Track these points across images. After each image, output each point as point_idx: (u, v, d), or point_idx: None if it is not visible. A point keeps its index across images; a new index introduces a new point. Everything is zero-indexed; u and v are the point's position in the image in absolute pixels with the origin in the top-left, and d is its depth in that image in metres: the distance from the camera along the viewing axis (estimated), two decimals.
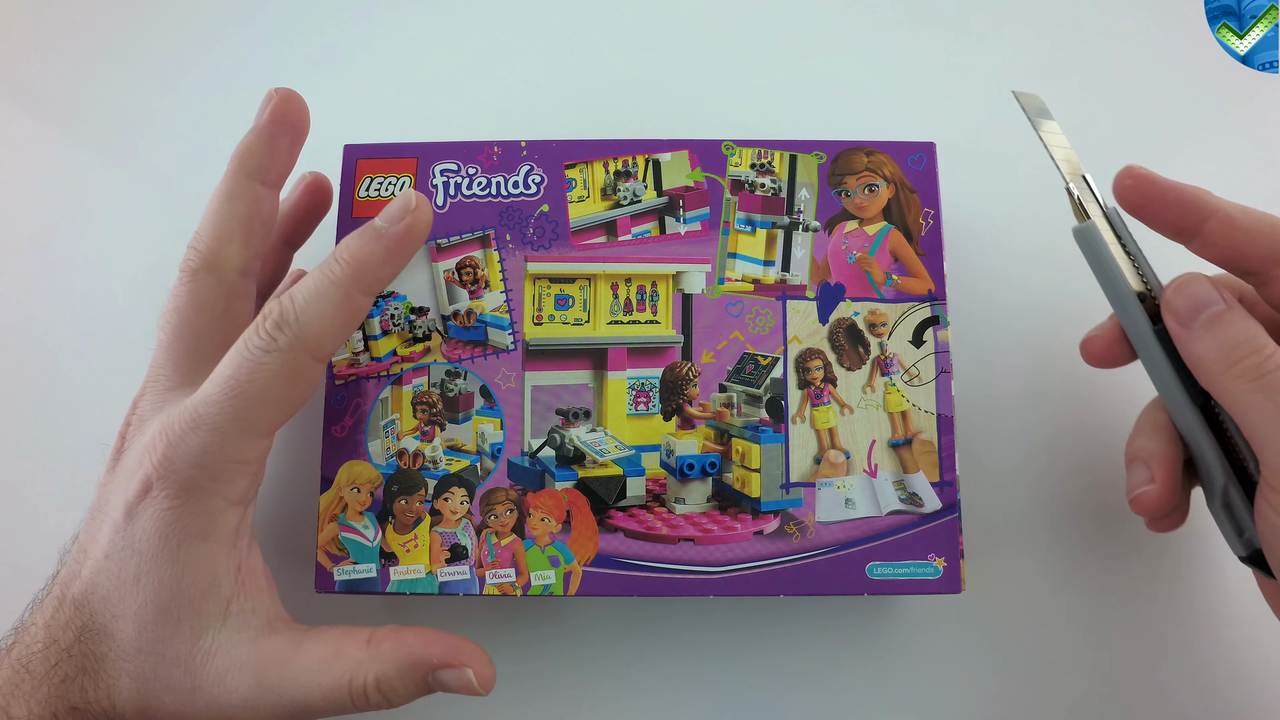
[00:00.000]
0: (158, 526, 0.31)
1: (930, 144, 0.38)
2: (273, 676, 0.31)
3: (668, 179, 0.38)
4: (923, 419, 0.36)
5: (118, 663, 0.31)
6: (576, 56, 0.47)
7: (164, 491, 0.31)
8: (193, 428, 0.31)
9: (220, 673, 0.31)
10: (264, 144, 0.35)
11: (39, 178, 0.46)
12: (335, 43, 0.48)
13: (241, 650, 0.31)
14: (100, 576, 0.31)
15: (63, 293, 0.45)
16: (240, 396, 0.31)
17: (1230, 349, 0.31)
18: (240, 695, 0.31)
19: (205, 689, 0.31)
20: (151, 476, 0.31)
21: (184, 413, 0.31)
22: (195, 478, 0.31)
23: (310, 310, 0.32)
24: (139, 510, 0.31)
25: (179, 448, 0.31)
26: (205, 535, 0.32)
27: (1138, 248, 0.33)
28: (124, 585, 0.31)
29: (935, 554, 0.35)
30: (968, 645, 0.40)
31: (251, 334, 0.32)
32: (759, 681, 0.40)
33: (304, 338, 0.31)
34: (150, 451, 0.31)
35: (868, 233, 0.37)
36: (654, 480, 0.36)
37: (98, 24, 0.48)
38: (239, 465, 0.32)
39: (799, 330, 0.37)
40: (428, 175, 0.38)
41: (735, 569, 0.35)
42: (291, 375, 0.31)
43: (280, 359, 0.31)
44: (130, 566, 0.31)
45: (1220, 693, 0.39)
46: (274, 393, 0.31)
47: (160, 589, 0.31)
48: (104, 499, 0.33)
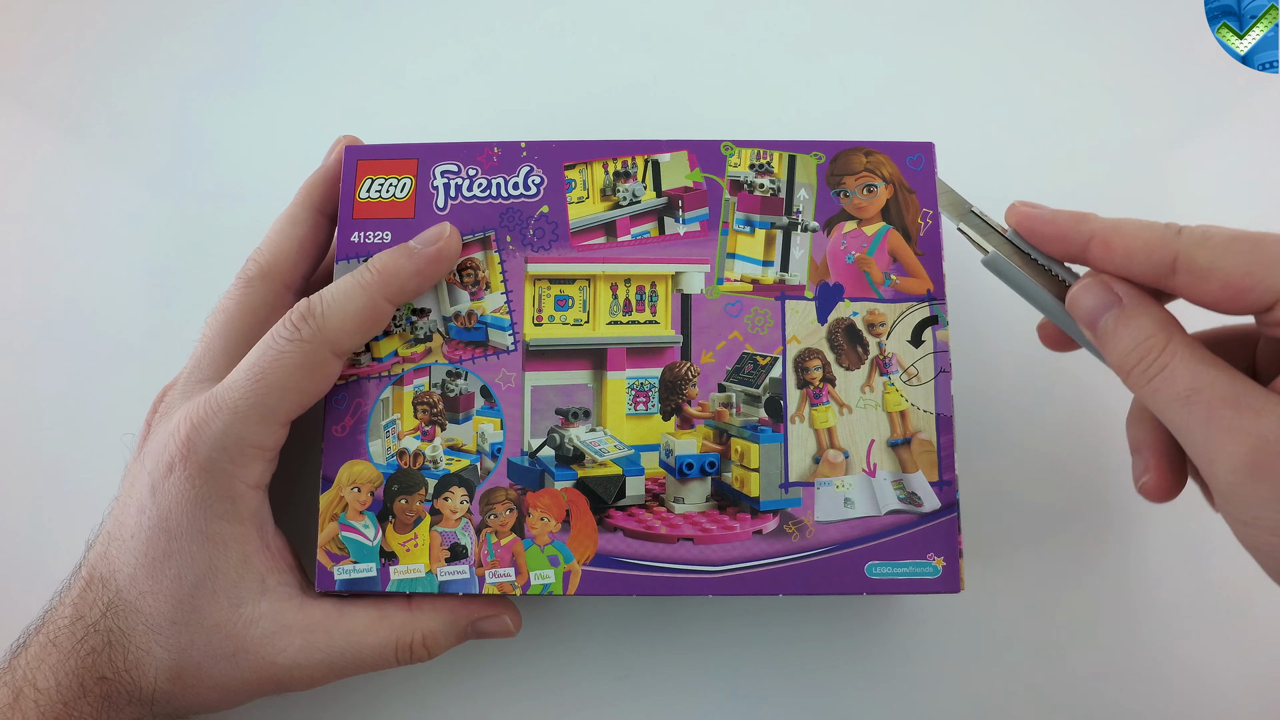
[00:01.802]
0: (183, 505, 0.33)
1: (929, 144, 0.38)
2: (320, 638, 0.34)
3: (667, 179, 0.38)
4: (921, 418, 0.36)
5: (149, 635, 0.33)
6: (576, 57, 0.48)
7: (186, 471, 0.33)
8: (215, 411, 0.33)
9: (267, 635, 0.33)
10: (330, 181, 0.39)
11: (39, 178, 0.47)
12: (336, 45, 0.48)
13: (288, 615, 0.34)
14: (127, 555, 0.33)
15: (63, 293, 0.45)
16: (261, 382, 0.33)
17: (1126, 355, 0.30)
18: (290, 655, 0.33)
19: (252, 650, 0.33)
20: (175, 457, 0.33)
21: (210, 398, 0.34)
22: (216, 459, 0.33)
23: (335, 307, 0.34)
24: (164, 488, 0.33)
25: (202, 430, 0.33)
26: (229, 515, 0.34)
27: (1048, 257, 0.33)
28: (154, 562, 0.33)
29: (934, 553, 0.35)
30: (967, 645, 0.40)
31: (279, 326, 0.34)
32: (759, 681, 0.40)
33: (325, 331, 0.34)
34: (175, 434, 0.34)
35: (866, 233, 0.37)
36: (653, 480, 0.36)
37: (98, 24, 0.48)
38: (256, 450, 0.34)
39: (798, 330, 0.37)
40: (428, 177, 0.38)
41: (734, 568, 0.35)
42: (310, 365, 0.34)
43: (301, 349, 0.34)
44: (159, 544, 0.33)
45: (1221, 690, 0.39)
46: (293, 380, 0.34)
47: (194, 565, 0.33)
48: (131, 482, 0.35)
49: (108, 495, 0.36)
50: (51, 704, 0.32)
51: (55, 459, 0.44)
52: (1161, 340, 0.29)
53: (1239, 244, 0.28)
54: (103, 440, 0.42)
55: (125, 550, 0.34)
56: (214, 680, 0.33)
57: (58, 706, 0.32)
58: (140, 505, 0.34)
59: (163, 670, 0.33)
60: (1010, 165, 0.44)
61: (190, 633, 0.33)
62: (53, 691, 0.32)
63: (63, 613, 0.33)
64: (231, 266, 0.38)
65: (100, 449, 0.42)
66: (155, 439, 0.35)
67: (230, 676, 0.33)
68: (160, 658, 0.33)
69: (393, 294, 0.35)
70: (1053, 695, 0.40)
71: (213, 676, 0.33)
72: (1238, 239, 0.28)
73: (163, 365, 0.39)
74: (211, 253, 0.44)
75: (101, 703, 0.32)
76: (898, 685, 0.40)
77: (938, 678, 0.40)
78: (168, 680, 0.33)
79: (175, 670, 0.33)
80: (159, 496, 0.33)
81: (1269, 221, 0.43)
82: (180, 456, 0.33)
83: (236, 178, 0.46)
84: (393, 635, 0.34)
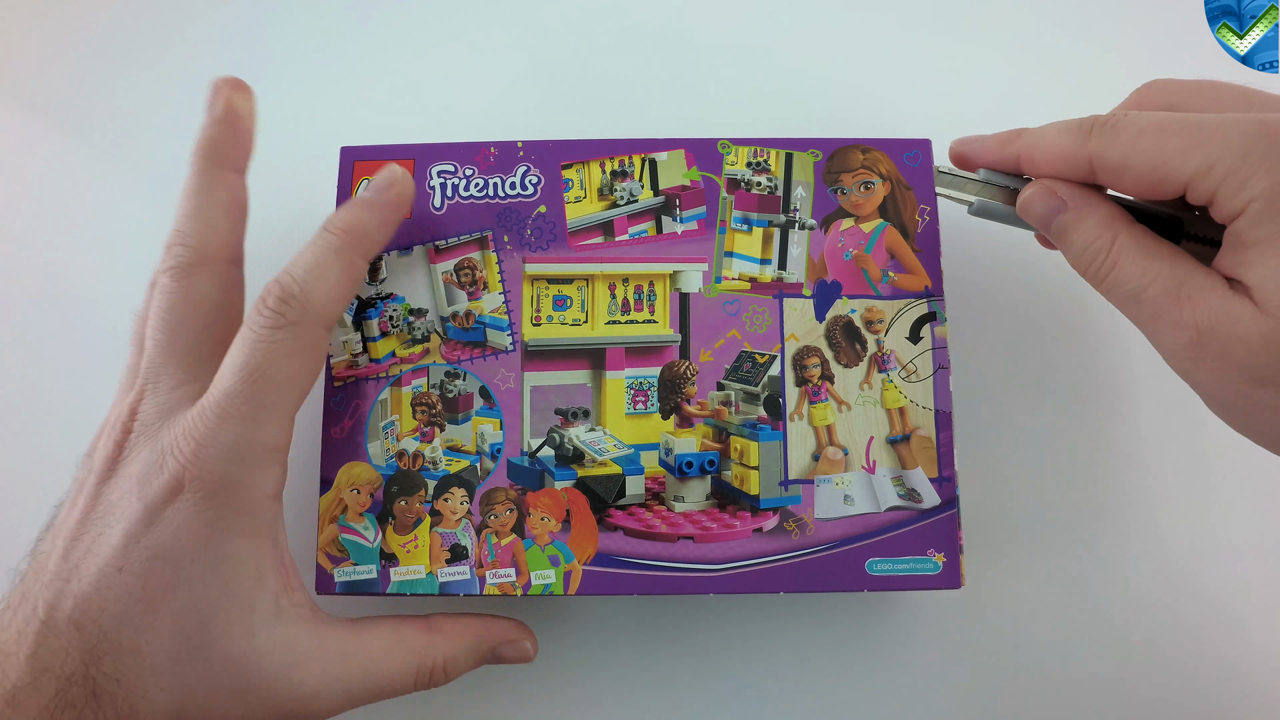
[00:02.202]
0: (194, 528, 0.30)
1: (926, 141, 0.38)
2: (338, 667, 0.32)
3: (664, 178, 0.38)
4: (920, 415, 0.36)
5: (145, 678, 0.29)
6: (572, 56, 0.48)
7: (199, 492, 0.30)
8: (220, 421, 0.30)
9: (284, 667, 0.31)
10: (226, 133, 0.35)
11: (39, 178, 0.47)
12: (332, 45, 0.48)
13: (304, 642, 0.31)
14: (112, 591, 0.29)
15: (64, 293, 0.45)
16: (260, 380, 0.30)
17: (1078, 258, 0.31)
18: (309, 687, 0.31)
19: (265, 685, 0.30)
20: (182, 477, 0.30)
21: (207, 410, 0.31)
22: (231, 473, 0.30)
23: (312, 280, 0.32)
24: (166, 515, 0.30)
25: (210, 445, 0.30)
26: (246, 531, 0.31)
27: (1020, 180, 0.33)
28: (152, 596, 0.30)
29: (934, 549, 0.35)
30: (967, 641, 0.40)
31: (255, 317, 0.31)
32: (759, 679, 0.40)
33: (312, 309, 0.32)
34: (174, 453, 0.30)
35: (864, 230, 0.37)
36: (653, 479, 0.36)
37: (98, 24, 0.48)
38: (272, 453, 0.31)
39: (796, 328, 0.37)
40: (425, 177, 0.38)
41: (735, 566, 0.35)
42: (304, 348, 0.32)
43: (292, 333, 0.31)
44: (161, 575, 0.30)
45: (1221, 688, 0.40)
46: (291, 369, 0.31)
47: (205, 593, 0.30)
48: (104, 511, 0.31)
49: None
50: None
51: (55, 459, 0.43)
52: (1108, 239, 0.30)
53: (1145, 137, 0.28)
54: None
55: (109, 586, 0.29)
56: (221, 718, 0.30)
57: None
58: (128, 534, 0.30)
59: (161, 716, 0.29)
60: None
61: (196, 670, 0.30)
62: None
63: (17, 668, 0.28)
64: None
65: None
66: (140, 461, 0.31)
67: (238, 714, 0.30)
68: (159, 701, 0.29)
69: (366, 251, 0.34)
70: (1053, 690, 0.40)
71: (219, 716, 0.30)
72: (1144, 131, 0.28)
73: None
74: None
75: None
76: (898, 683, 0.40)
77: (939, 674, 0.40)
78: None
79: (176, 714, 0.29)
80: (160, 524, 0.30)
81: None
82: (190, 475, 0.30)
83: None
84: (413, 661, 0.33)
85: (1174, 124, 0.28)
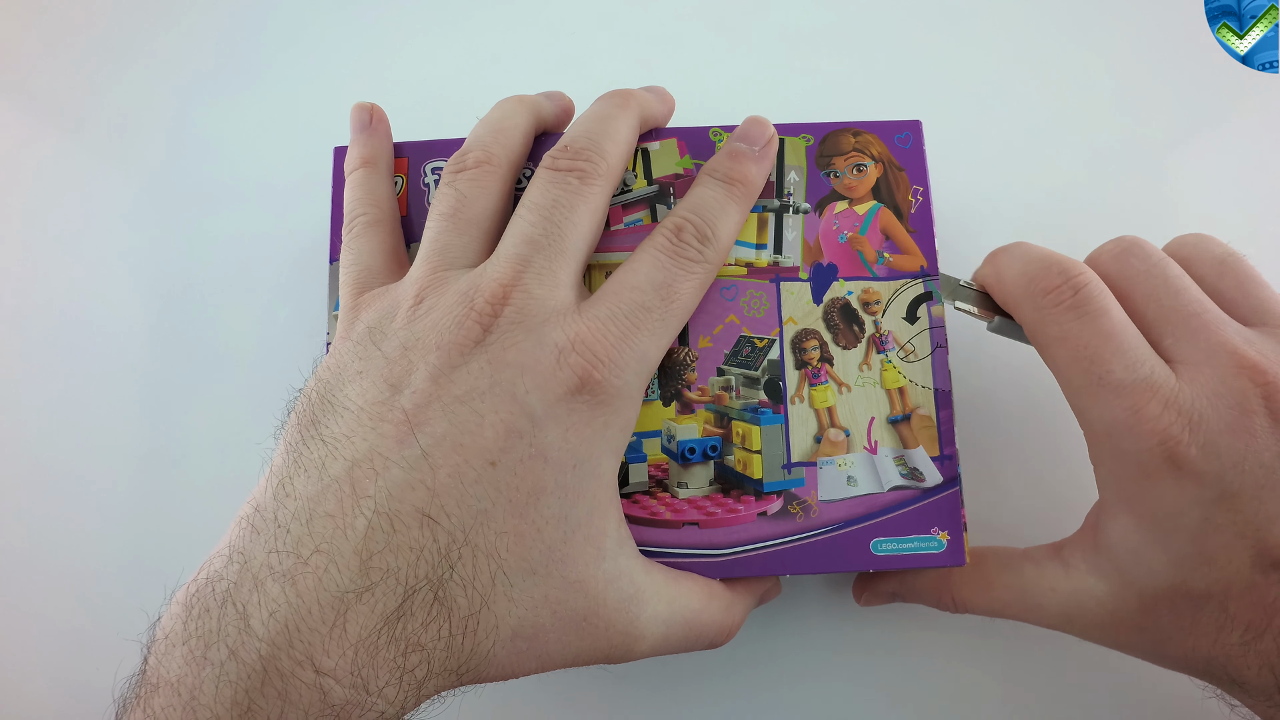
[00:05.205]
0: (584, 434, 0.28)
1: (916, 122, 0.38)
2: (664, 609, 0.31)
3: (657, 168, 0.38)
4: (920, 394, 0.36)
5: (495, 588, 0.26)
6: (562, 49, 0.48)
7: (599, 395, 0.29)
8: (634, 331, 0.30)
9: (622, 601, 0.29)
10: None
11: (38, 177, 0.47)
12: (332, 44, 0.48)
13: (639, 578, 0.30)
14: (479, 486, 0.27)
15: (61, 292, 0.45)
16: (675, 304, 0.31)
17: None
18: (640, 625, 0.30)
19: (604, 616, 0.29)
20: (587, 378, 0.28)
21: (619, 316, 0.30)
22: (632, 385, 0.30)
23: (721, 224, 0.33)
24: (558, 411, 0.28)
25: (624, 352, 0.29)
26: (618, 449, 0.30)
27: None
28: (527, 497, 0.27)
29: (938, 528, 0.35)
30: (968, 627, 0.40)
31: (670, 244, 0.32)
32: (759, 675, 0.40)
33: (721, 252, 0.33)
34: (579, 350, 0.28)
35: (858, 212, 0.37)
36: (656, 466, 0.36)
37: (98, 24, 0.48)
38: (651, 377, 0.32)
39: (794, 311, 0.37)
40: (419, 174, 0.38)
41: (740, 551, 0.35)
42: (705, 289, 0.33)
43: (705, 270, 0.33)
44: (540, 475, 0.27)
45: None
46: (695, 303, 0.33)
47: (576, 503, 0.28)
48: (453, 391, 0.28)
49: (109, 493, 0.35)
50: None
51: (54, 458, 0.43)
52: None
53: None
54: (101, 439, 0.42)
55: (476, 480, 0.27)
56: (546, 647, 0.28)
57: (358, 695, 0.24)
58: (509, 427, 0.27)
59: (501, 633, 0.26)
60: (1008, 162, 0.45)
61: (547, 586, 0.27)
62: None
63: (344, 567, 0.25)
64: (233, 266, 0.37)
65: (99, 447, 0.42)
66: (523, 349, 0.28)
67: (567, 644, 0.28)
68: (503, 617, 0.26)
69: (751, 203, 0.35)
70: (1054, 691, 0.40)
71: (550, 641, 0.28)
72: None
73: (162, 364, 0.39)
74: (212, 252, 0.44)
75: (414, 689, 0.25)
76: (899, 682, 0.40)
77: (938, 674, 0.40)
78: (501, 645, 0.27)
79: (515, 633, 0.27)
80: (550, 420, 0.28)
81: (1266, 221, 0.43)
82: (595, 379, 0.28)
83: (236, 177, 0.46)
84: (720, 617, 0.32)
85: None
